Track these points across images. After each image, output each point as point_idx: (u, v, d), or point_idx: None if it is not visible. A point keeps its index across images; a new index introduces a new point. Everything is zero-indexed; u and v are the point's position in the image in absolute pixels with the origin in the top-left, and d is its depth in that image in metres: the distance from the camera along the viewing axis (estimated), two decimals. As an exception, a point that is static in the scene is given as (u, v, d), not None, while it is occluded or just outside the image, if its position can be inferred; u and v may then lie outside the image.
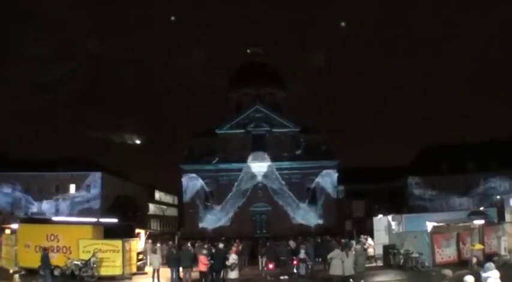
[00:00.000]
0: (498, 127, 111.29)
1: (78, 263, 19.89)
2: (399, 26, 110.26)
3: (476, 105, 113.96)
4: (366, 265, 24.56)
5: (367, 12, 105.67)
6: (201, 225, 55.91)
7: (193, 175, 57.98)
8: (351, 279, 17.78)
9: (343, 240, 27.79)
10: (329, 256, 18.22)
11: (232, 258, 17.89)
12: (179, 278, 19.83)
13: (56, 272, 20.18)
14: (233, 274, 17.58)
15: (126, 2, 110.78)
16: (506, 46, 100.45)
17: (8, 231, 24.26)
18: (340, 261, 17.72)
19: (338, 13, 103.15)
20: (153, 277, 20.10)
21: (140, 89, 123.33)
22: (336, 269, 17.68)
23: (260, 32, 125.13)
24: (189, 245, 23.45)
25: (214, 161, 58.63)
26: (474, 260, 17.73)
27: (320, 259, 24.24)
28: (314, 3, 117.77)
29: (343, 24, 44.29)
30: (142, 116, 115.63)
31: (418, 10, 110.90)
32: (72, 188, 57.46)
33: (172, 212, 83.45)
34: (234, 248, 20.35)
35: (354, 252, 19.01)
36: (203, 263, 18.09)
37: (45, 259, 18.47)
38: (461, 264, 19.68)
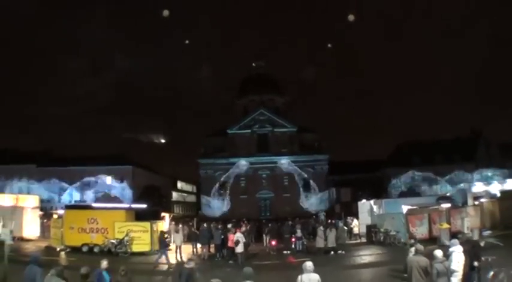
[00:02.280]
0: (462, 126, 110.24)
1: (114, 241, 20.03)
2: (378, 35, 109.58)
3: (444, 108, 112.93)
4: (352, 241, 24.74)
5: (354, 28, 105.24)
6: (215, 209, 56.16)
7: (209, 168, 58.48)
8: (332, 251, 19.55)
9: (333, 221, 27.87)
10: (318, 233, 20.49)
11: (238, 236, 18.03)
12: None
13: (96, 249, 20.33)
14: (239, 248, 17.70)
15: (148, 23, 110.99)
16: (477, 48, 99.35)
17: (55, 216, 24.46)
18: (322, 237, 19.89)
19: (325, 30, 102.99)
20: (176, 252, 20.16)
21: (164, 98, 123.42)
22: (319, 243, 20.04)
23: (263, 47, 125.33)
24: (205, 225, 23.44)
25: (226, 156, 58.86)
26: (410, 238, 17.64)
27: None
28: (309, 20, 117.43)
29: (329, 45, 44.37)
30: (166, 120, 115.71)
31: (394, 20, 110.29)
32: (109, 179, 57.51)
33: (192, 198, 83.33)
34: (237, 229, 20.53)
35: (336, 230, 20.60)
36: (231, 240, 18.21)
37: (162, 239, 18.56)
38: (432, 240, 19.67)
